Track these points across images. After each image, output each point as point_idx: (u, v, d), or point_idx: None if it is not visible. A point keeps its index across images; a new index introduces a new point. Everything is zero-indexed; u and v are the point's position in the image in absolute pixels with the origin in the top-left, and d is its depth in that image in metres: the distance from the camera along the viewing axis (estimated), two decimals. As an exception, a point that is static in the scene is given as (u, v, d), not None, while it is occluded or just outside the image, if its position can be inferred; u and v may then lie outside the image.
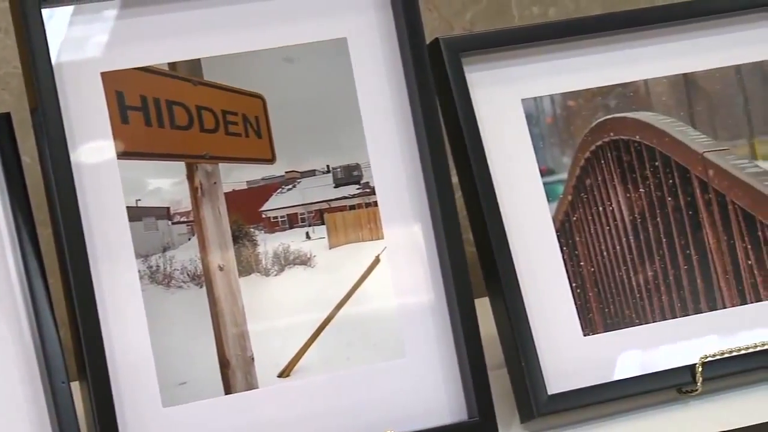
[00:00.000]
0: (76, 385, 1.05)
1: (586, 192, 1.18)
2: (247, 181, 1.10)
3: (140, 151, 1.07)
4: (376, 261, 1.11)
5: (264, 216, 1.10)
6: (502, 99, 1.18)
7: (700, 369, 1.13)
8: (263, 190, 1.10)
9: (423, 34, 1.13)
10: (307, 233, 1.11)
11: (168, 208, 1.07)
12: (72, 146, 1.04)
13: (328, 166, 1.12)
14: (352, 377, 1.09)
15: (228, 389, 1.06)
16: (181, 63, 1.09)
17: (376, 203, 1.12)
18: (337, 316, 1.10)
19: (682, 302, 1.17)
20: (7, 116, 1.07)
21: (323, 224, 1.11)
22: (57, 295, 1.05)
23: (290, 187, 1.11)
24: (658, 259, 1.17)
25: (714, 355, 1.14)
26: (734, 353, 1.14)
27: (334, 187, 1.12)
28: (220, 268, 1.08)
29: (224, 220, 1.09)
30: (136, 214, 1.06)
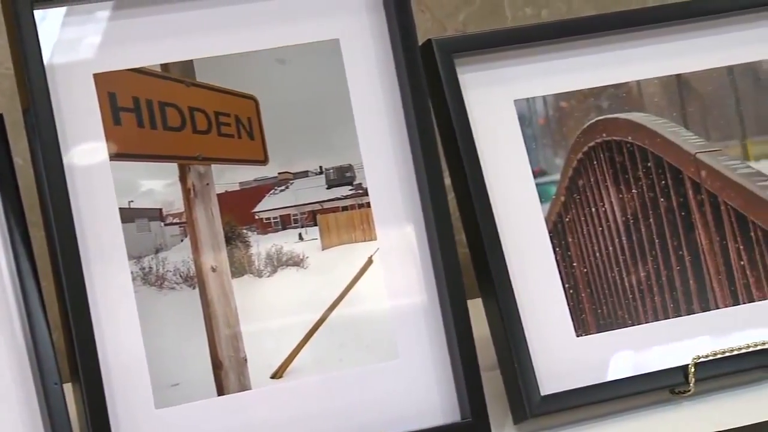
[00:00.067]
0: (68, 387, 1.05)
1: (578, 193, 1.18)
2: (240, 183, 1.10)
3: (133, 152, 1.07)
4: (369, 262, 1.11)
5: (257, 217, 1.10)
6: (495, 100, 1.18)
7: (693, 370, 1.13)
8: (256, 192, 1.10)
9: (415, 35, 1.13)
10: (299, 234, 1.11)
11: (160, 210, 1.07)
12: (64, 148, 1.04)
13: (320, 167, 1.12)
14: (345, 378, 1.09)
15: (221, 390, 1.06)
16: (174, 64, 1.09)
17: (368, 204, 1.12)
18: (330, 318, 1.10)
19: (675, 303, 1.17)
20: (-1, 117, 1.08)
21: (316, 225, 1.11)
22: (49, 297, 1.05)
23: (283, 188, 1.11)
24: (651, 260, 1.17)
25: (707, 356, 1.14)
26: (727, 354, 1.14)
27: (327, 188, 1.12)
28: (213, 270, 1.08)
29: (217, 222, 1.08)
30: (128, 215, 1.06)
